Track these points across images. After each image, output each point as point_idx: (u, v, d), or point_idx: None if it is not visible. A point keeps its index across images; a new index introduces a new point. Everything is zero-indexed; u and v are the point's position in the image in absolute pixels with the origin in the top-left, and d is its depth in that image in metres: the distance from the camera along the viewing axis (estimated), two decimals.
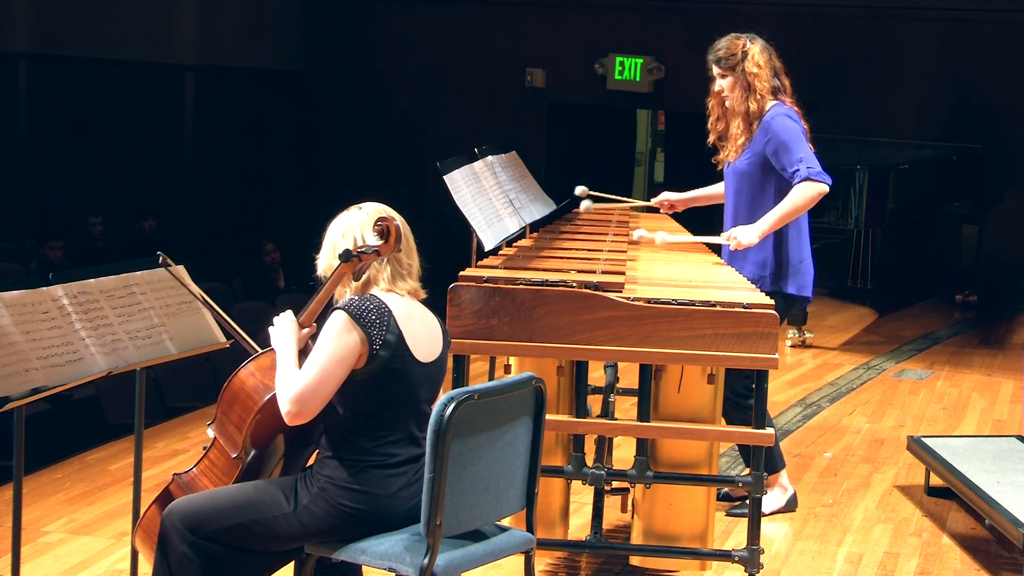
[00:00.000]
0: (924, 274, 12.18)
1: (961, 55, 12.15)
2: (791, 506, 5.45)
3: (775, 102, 5.21)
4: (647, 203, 5.89)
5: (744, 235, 5.12)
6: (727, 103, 5.26)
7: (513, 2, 13.55)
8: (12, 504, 3.62)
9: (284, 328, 3.53)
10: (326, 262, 3.55)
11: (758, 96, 5.17)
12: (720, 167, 5.41)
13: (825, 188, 5.06)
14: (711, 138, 5.39)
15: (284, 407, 3.37)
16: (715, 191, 5.71)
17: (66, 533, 5.13)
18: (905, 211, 10.73)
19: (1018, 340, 9.74)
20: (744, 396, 5.06)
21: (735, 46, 5.22)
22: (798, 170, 5.05)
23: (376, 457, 3.42)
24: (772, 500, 5.40)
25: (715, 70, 5.28)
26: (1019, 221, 11.64)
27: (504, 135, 10.28)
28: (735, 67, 5.20)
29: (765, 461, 5.27)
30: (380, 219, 3.47)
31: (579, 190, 5.79)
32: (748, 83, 5.18)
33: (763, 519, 5.18)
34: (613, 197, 5.80)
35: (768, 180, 5.20)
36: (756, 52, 5.20)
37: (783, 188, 5.15)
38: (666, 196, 5.80)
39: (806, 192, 5.06)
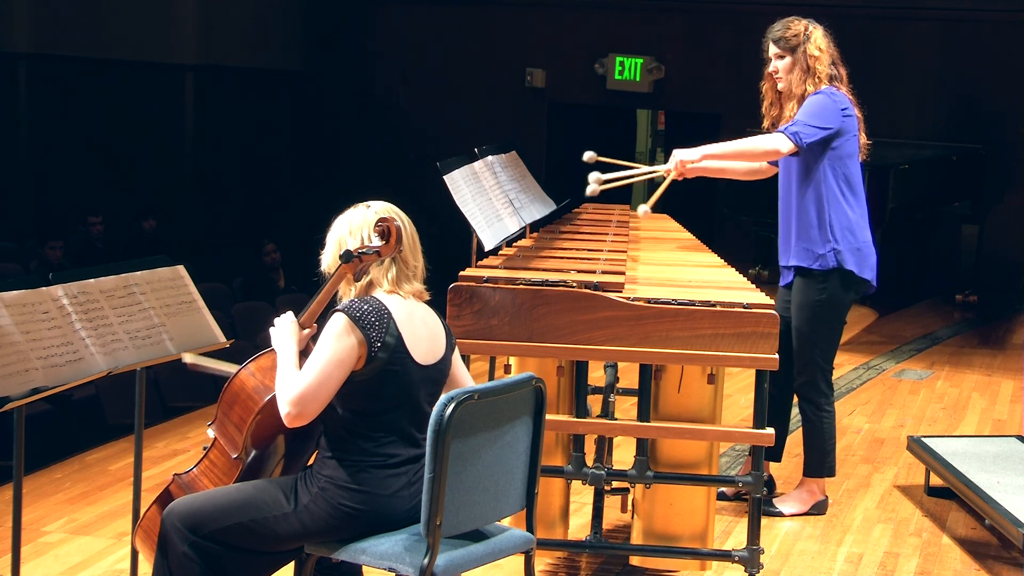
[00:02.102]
0: (924, 274, 12.18)
1: (961, 55, 12.15)
2: (820, 509, 5.38)
3: (828, 86, 5.09)
4: (654, 169, 5.38)
5: (685, 153, 5.02)
6: (780, 85, 5.14)
7: (513, 2, 13.55)
8: (12, 504, 3.62)
9: (284, 329, 3.53)
10: (330, 258, 3.55)
11: (816, 79, 5.06)
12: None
13: (787, 145, 4.92)
14: (765, 123, 5.26)
15: (283, 409, 3.37)
16: (732, 166, 5.40)
17: (66, 533, 5.13)
18: (905, 211, 10.73)
19: (1018, 340, 9.74)
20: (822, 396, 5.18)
21: (797, 27, 5.10)
22: (789, 125, 4.96)
23: (376, 457, 3.41)
24: (796, 504, 5.36)
25: (772, 50, 5.14)
26: (1019, 221, 11.65)
27: (504, 135, 10.29)
28: (795, 48, 5.08)
29: (813, 465, 5.28)
30: (381, 220, 3.47)
31: (587, 156, 5.38)
32: (808, 65, 5.06)
33: (768, 518, 5.20)
34: (621, 163, 5.46)
35: (816, 160, 5.06)
36: (819, 36, 5.10)
37: (834, 166, 5.05)
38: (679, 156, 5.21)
39: (769, 139, 4.97)
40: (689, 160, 5.05)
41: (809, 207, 5.10)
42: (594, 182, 5.15)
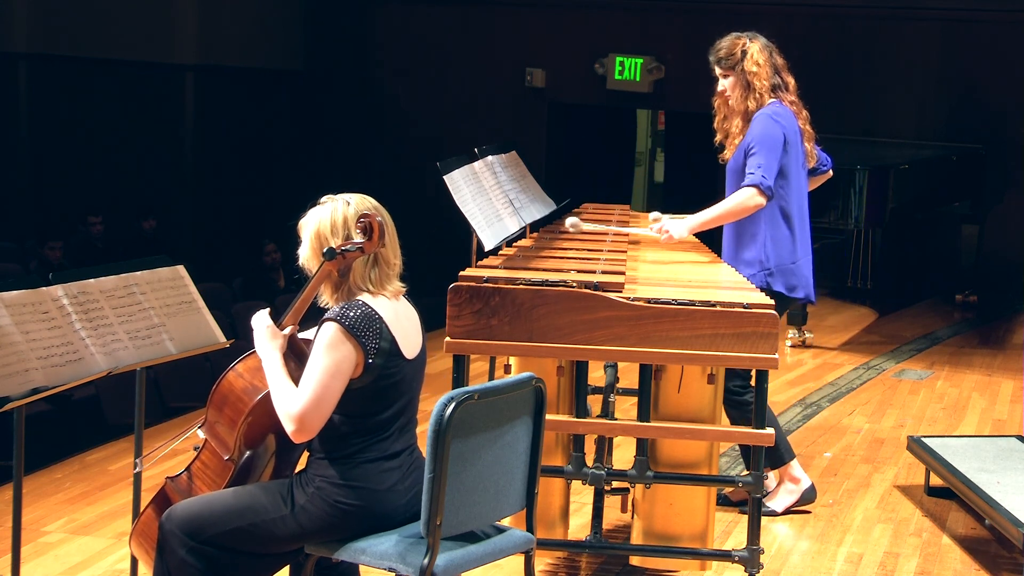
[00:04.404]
0: (924, 274, 12.17)
1: (961, 55, 12.14)
2: (808, 498, 5.41)
3: (773, 100, 5.23)
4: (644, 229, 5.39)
5: (675, 228, 5.17)
6: (730, 102, 5.30)
7: (513, 2, 13.55)
8: (12, 504, 3.62)
9: (262, 335, 3.51)
10: (308, 252, 3.51)
11: (757, 95, 5.22)
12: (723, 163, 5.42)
13: (762, 198, 5.07)
14: (718, 137, 5.42)
15: (288, 427, 3.36)
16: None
17: (66, 533, 5.14)
18: (905, 211, 10.73)
19: (1018, 340, 9.74)
20: (739, 392, 5.06)
21: (735, 46, 5.27)
22: (752, 175, 5.08)
23: (370, 453, 3.41)
24: (784, 498, 5.38)
25: (717, 70, 5.33)
26: (1019, 221, 11.64)
27: (504, 135, 10.28)
28: (735, 67, 5.25)
29: (770, 456, 5.28)
30: (363, 216, 3.45)
31: (570, 223, 5.32)
32: (747, 82, 5.23)
33: (767, 518, 5.20)
34: (604, 228, 5.49)
35: None
36: (755, 51, 5.24)
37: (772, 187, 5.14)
38: (669, 231, 5.25)
39: (747, 200, 5.09)
40: (677, 236, 5.18)
41: (746, 224, 5.22)
42: (571, 227, 5.28)
